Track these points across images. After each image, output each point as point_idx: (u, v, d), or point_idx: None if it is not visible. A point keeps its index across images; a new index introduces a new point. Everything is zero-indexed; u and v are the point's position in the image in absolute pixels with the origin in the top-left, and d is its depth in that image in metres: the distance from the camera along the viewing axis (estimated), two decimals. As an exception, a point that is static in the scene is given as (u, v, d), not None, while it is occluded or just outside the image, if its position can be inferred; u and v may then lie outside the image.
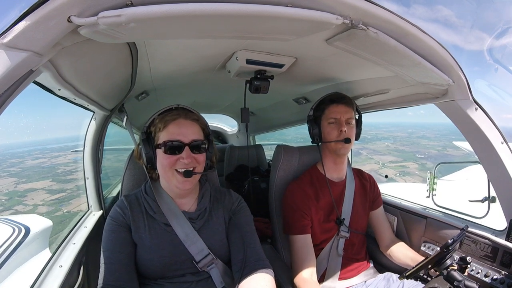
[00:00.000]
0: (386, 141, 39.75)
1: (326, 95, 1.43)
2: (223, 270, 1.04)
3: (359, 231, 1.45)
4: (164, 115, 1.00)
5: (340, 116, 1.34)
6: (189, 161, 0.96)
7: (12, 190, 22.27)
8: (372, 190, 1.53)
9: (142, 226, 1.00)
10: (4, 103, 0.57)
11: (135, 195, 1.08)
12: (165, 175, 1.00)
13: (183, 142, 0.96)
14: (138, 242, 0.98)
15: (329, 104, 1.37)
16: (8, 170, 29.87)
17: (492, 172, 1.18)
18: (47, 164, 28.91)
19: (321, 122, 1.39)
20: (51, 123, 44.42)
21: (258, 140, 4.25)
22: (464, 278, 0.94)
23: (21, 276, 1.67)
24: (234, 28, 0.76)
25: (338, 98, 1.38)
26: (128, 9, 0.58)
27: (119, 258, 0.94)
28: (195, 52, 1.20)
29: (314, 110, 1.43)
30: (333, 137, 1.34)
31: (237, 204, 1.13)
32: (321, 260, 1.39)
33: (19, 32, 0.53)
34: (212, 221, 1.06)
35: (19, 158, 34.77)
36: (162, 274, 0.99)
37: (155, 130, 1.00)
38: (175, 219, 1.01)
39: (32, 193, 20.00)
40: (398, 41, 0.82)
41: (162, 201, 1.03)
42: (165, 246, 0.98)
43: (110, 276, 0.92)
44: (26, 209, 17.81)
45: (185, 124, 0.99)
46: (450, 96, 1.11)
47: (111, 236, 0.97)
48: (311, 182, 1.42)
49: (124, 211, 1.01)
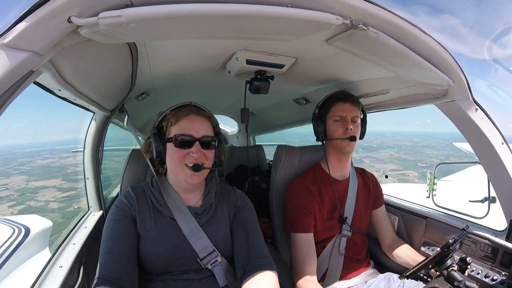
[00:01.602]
0: (390, 150, 40.49)
1: (332, 93, 1.43)
2: (226, 268, 1.04)
3: (361, 230, 1.45)
4: (177, 111, 1.02)
5: (346, 114, 1.34)
6: (198, 155, 0.97)
7: (23, 187, 22.46)
8: (374, 189, 1.54)
9: (148, 218, 1.00)
10: (5, 104, 0.57)
11: (142, 187, 1.08)
12: (174, 168, 1.00)
13: (194, 137, 0.98)
14: (142, 234, 0.98)
15: (335, 102, 1.37)
16: (19, 168, 30.11)
17: (492, 172, 1.18)
18: (56, 164, 29.14)
19: (326, 120, 1.40)
20: (64, 126, 43.25)
21: (259, 141, 4.24)
22: (464, 279, 0.94)
23: (21, 276, 1.67)
24: (234, 29, 0.76)
25: (345, 96, 1.38)
26: (128, 10, 0.58)
27: (122, 249, 0.92)
28: (195, 52, 1.20)
29: (320, 108, 1.43)
30: (339, 135, 1.34)
31: (241, 201, 1.13)
32: (322, 260, 1.39)
33: (19, 32, 0.53)
34: (217, 217, 1.07)
35: (29, 158, 35.06)
36: (165, 269, 0.98)
37: (167, 124, 1.02)
38: (180, 214, 1.01)
39: (43, 190, 20.32)
40: (398, 41, 0.82)
41: (168, 195, 1.04)
42: (170, 240, 0.98)
43: (110, 267, 0.89)
44: (38, 204, 18.24)
45: (197, 120, 1.01)
46: (450, 97, 1.11)
47: (115, 225, 0.96)
48: (315, 180, 1.42)
49: (130, 202, 1.01)
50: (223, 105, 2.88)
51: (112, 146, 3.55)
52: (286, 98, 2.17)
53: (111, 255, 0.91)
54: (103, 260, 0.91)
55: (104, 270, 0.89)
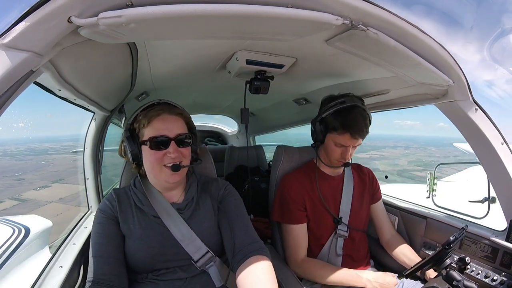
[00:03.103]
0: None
1: (341, 105, 1.26)
2: (220, 266, 1.03)
3: (360, 227, 1.44)
4: (148, 111, 1.00)
5: (349, 144, 1.28)
6: (176, 155, 0.97)
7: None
8: (371, 184, 1.53)
9: (130, 217, 1.01)
10: (5, 104, 0.57)
11: (124, 189, 1.09)
12: (153, 170, 1.00)
13: (169, 137, 0.97)
14: (127, 234, 0.99)
15: (345, 131, 1.24)
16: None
17: (492, 172, 1.17)
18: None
19: (327, 135, 1.32)
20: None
21: (259, 141, 4.24)
22: (463, 278, 0.94)
23: (21, 276, 1.67)
24: (234, 29, 0.76)
25: (357, 132, 1.24)
26: (128, 10, 0.58)
27: (108, 251, 0.94)
28: (195, 52, 1.20)
29: (325, 117, 1.31)
30: (334, 158, 1.34)
31: (224, 189, 1.13)
32: (320, 260, 1.39)
33: (19, 32, 0.53)
34: (199, 210, 1.07)
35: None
36: (152, 267, 0.98)
37: (139, 126, 1.00)
38: (168, 216, 1.01)
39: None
40: (398, 41, 0.82)
41: (151, 195, 1.04)
42: (154, 237, 0.99)
43: (99, 269, 0.91)
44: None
45: (170, 119, 0.99)
46: (450, 97, 1.11)
47: (99, 229, 0.98)
48: (307, 174, 1.43)
49: (112, 203, 1.02)
50: (223, 105, 2.88)
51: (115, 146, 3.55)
52: (286, 98, 2.17)
53: (98, 258, 0.93)
54: (92, 263, 0.93)
55: (93, 272, 0.91)
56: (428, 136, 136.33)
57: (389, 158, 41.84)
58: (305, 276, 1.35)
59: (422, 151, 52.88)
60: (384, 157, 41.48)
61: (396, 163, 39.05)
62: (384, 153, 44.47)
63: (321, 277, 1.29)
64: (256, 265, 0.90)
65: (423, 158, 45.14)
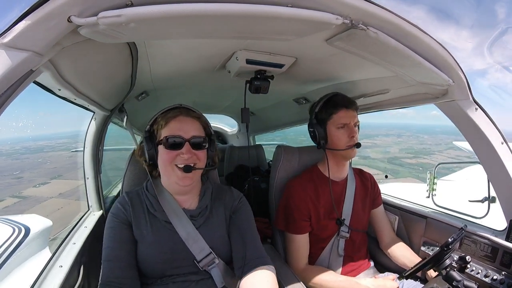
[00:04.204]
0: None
1: (327, 97, 1.38)
2: (224, 269, 1.04)
3: (360, 229, 1.45)
4: (166, 113, 1.02)
5: (349, 121, 1.32)
6: (188, 156, 0.96)
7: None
8: (372, 189, 1.54)
9: (143, 222, 1.00)
10: (4, 103, 0.57)
11: (137, 192, 1.08)
12: (165, 170, 1.00)
13: (183, 137, 0.97)
14: (139, 239, 0.98)
15: (338, 109, 1.32)
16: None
17: (492, 172, 1.18)
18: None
19: (327, 126, 1.35)
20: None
21: (259, 141, 4.24)
22: (463, 278, 0.94)
23: (21, 276, 1.67)
24: (234, 28, 0.76)
25: (349, 103, 1.33)
26: (128, 9, 0.58)
27: (120, 255, 0.94)
28: (195, 52, 1.20)
29: (318, 113, 1.38)
30: (344, 143, 1.32)
31: (238, 201, 1.13)
32: (321, 261, 1.40)
33: (19, 32, 0.53)
34: (212, 219, 1.06)
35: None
36: (163, 272, 0.98)
37: (157, 127, 1.02)
38: (176, 217, 1.01)
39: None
40: (398, 41, 0.82)
41: (163, 198, 1.04)
42: (166, 243, 0.99)
43: (110, 273, 0.92)
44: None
45: (186, 121, 1.00)
46: (450, 96, 1.11)
47: (112, 232, 0.98)
48: (312, 181, 1.42)
49: (125, 207, 1.01)
50: (223, 105, 2.88)
51: (118, 145, 3.55)
52: (286, 98, 2.17)
53: (110, 262, 0.94)
54: (104, 267, 0.93)
55: (105, 276, 0.92)
56: (420, 124, 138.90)
57: (381, 146, 41.73)
58: (305, 283, 1.34)
59: (414, 139, 52.76)
60: (376, 145, 41.30)
61: (387, 151, 39.26)
62: (376, 141, 44.39)
63: (321, 286, 1.30)
64: (261, 279, 0.95)
65: (415, 145, 44.93)
